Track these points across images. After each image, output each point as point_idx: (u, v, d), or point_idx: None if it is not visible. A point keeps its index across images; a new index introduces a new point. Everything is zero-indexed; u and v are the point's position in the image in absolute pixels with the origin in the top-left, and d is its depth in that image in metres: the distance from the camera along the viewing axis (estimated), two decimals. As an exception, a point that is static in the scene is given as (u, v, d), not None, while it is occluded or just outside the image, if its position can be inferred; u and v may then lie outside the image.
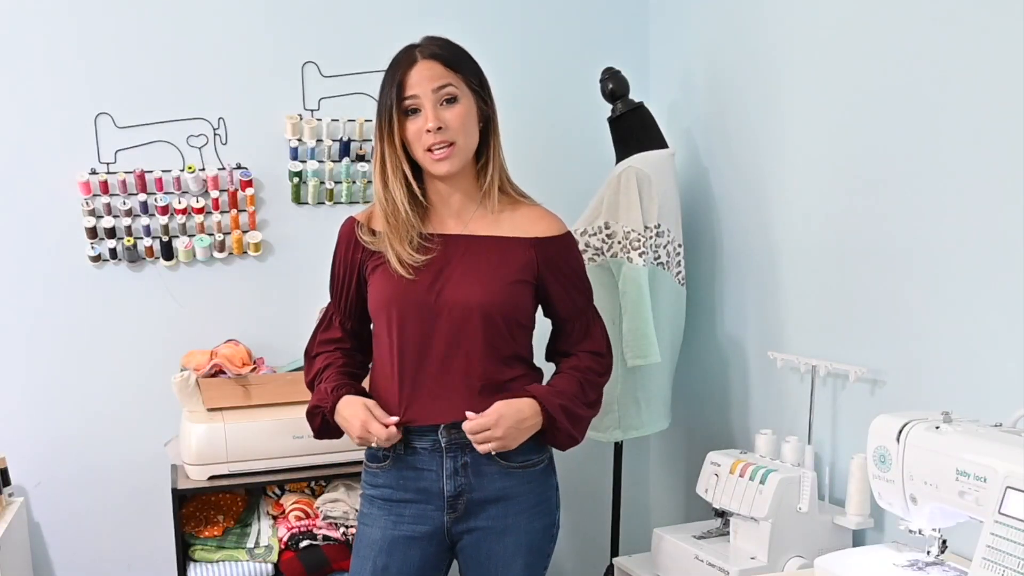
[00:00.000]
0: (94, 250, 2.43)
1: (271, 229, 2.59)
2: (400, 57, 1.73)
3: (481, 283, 1.72)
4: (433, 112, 1.68)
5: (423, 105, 1.68)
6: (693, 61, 2.64)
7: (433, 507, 1.76)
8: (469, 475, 1.75)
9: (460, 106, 1.70)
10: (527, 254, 1.75)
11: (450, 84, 1.69)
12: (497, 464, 1.75)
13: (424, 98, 1.68)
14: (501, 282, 1.73)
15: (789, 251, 2.28)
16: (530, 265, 1.76)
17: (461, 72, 1.72)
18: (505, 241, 1.75)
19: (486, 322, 1.72)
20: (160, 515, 2.51)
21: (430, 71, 1.69)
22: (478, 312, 1.71)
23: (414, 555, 1.77)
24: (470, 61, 1.75)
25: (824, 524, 1.98)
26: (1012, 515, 1.27)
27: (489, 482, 1.76)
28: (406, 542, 1.77)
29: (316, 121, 2.55)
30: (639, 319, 2.29)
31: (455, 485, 1.75)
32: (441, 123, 1.68)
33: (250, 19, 2.51)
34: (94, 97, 2.41)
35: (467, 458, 1.74)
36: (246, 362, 2.40)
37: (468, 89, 1.72)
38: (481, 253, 1.74)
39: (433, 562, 1.80)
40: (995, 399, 1.71)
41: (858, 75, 2.02)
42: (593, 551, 2.80)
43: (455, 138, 1.69)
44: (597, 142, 2.63)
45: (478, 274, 1.73)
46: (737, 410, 2.50)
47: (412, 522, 1.77)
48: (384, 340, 1.78)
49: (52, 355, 2.44)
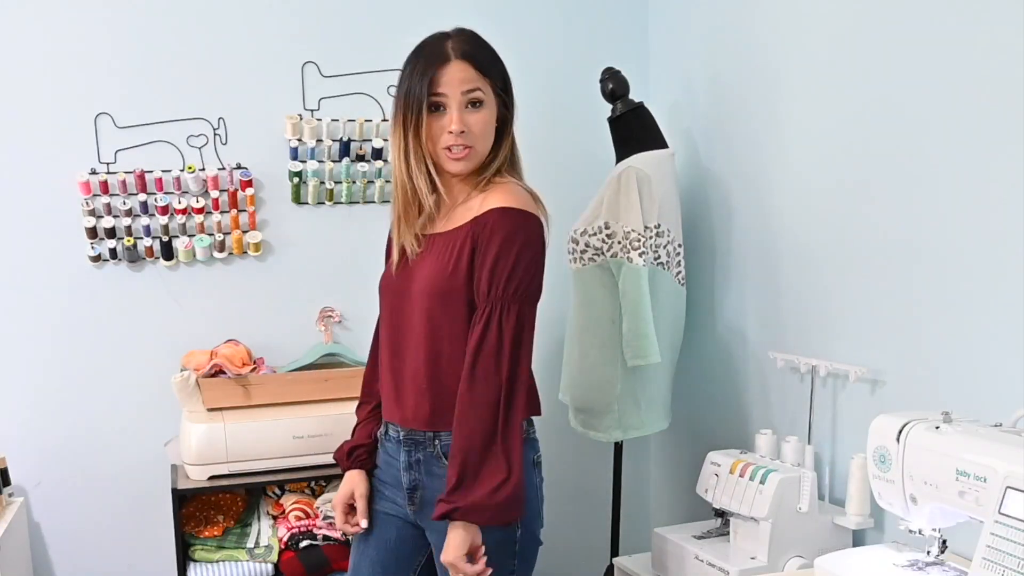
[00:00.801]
0: (94, 250, 2.43)
1: (271, 229, 2.59)
2: (433, 50, 1.70)
3: (431, 270, 1.71)
4: (459, 115, 1.68)
5: (449, 105, 1.68)
6: (693, 61, 2.64)
7: (401, 495, 1.79)
8: (421, 472, 1.76)
9: (484, 111, 1.70)
10: (468, 236, 1.70)
11: (478, 89, 1.69)
12: (444, 465, 1.71)
13: (451, 98, 1.68)
14: (445, 268, 1.70)
15: (789, 251, 2.28)
16: (468, 246, 1.69)
17: (490, 76, 1.72)
18: (455, 231, 1.73)
19: (437, 308, 1.70)
20: (160, 515, 2.51)
21: (462, 73, 1.68)
22: (428, 297, 1.71)
23: (390, 532, 1.82)
24: (499, 65, 1.75)
25: (824, 524, 1.99)
26: (1012, 515, 1.27)
27: (438, 482, 1.71)
28: (384, 518, 1.83)
29: (316, 121, 2.55)
30: (639, 319, 2.29)
31: (410, 479, 1.77)
32: (464, 127, 1.68)
33: (250, 19, 2.51)
34: (94, 97, 2.41)
35: (419, 455, 1.75)
36: (246, 362, 2.40)
37: (493, 93, 1.72)
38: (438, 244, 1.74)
39: (410, 544, 1.82)
40: (995, 399, 1.71)
41: (858, 75, 2.02)
42: (593, 551, 2.80)
43: (475, 143, 1.70)
44: (597, 142, 2.63)
45: (431, 263, 1.72)
46: (737, 410, 2.50)
47: (388, 501, 1.83)
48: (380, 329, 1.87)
49: (52, 355, 2.44)
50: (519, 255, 1.65)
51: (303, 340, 2.59)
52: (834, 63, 2.09)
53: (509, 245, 1.64)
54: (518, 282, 1.65)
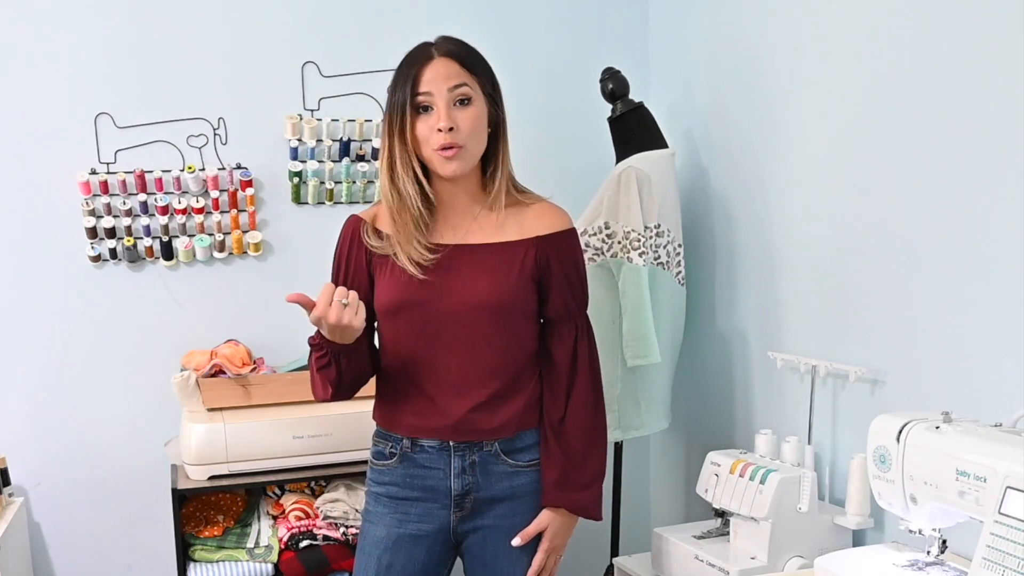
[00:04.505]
0: (94, 250, 2.43)
1: (271, 229, 2.59)
2: (415, 53, 1.69)
3: (489, 283, 1.71)
4: (446, 112, 1.64)
5: (436, 103, 1.65)
6: (693, 61, 2.64)
7: (439, 505, 1.76)
8: (477, 474, 1.75)
9: (473, 108, 1.67)
10: (529, 253, 1.73)
11: (465, 84, 1.66)
12: (505, 463, 1.76)
13: (438, 96, 1.65)
14: (507, 281, 1.72)
15: (789, 251, 2.28)
16: (531, 263, 1.74)
17: (476, 74, 1.69)
18: (509, 244, 1.74)
19: (498, 320, 1.71)
20: (160, 515, 2.51)
21: (446, 69, 1.66)
22: (490, 310, 1.70)
23: (419, 553, 1.77)
24: (485, 64, 1.73)
25: (824, 524, 1.99)
26: (1012, 515, 1.27)
27: (497, 481, 1.76)
28: (411, 540, 1.77)
29: (316, 121, 2.55)
30: (639, 319, 2.29)
31: (463, 484, 1.75)
32: (453, 124, 1.64)
33: (250, 19, 2.51)
34: (94, 97, 2.41)
35: (475, 456, 1.75)
36: (246, 362, 2.40)
37: (481, 92, 1.69)
38: (487, 256, 1.73)
39: (437, 561, 1.80)
40: (995, 399, 1.71)
41: (858, 75, 2.02)
42: (593, 551, 2.79)
43: (465, 141, 1.66)
44: (597, 142, 2.63)
45: (485, 275, 1.71)
46: (737, 410, 2.50)
47: (418, 520, 1.77)
48: (394, 342, 1.77)
49: (52, 355, 2.44)
50: (584, 274, 1.83)
51: (303, 340, 2.57)
52: (833, 63, 2.09)
53: (580, 266, 1.81)
54: (586, 298, 1.83)
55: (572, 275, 1.78)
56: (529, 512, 1.78)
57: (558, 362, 1.79)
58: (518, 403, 1.75)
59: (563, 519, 1.80)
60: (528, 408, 1.77)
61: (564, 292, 1.77)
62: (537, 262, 1.74)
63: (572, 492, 1.78)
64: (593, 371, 1.81)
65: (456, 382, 1.73)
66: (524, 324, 1.77)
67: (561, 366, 1.78)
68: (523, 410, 1.76)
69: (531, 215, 1.76)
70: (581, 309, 1.82)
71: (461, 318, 1.71)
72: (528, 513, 1.78)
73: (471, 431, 1.73)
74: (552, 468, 1.77)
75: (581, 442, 1.78)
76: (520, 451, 1.77)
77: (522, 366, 1.77)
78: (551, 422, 1.78)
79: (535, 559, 1.78)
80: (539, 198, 1.80)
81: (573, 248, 1.79)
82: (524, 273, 1.73)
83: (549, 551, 1.79)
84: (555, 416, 1.78)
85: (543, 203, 1.80)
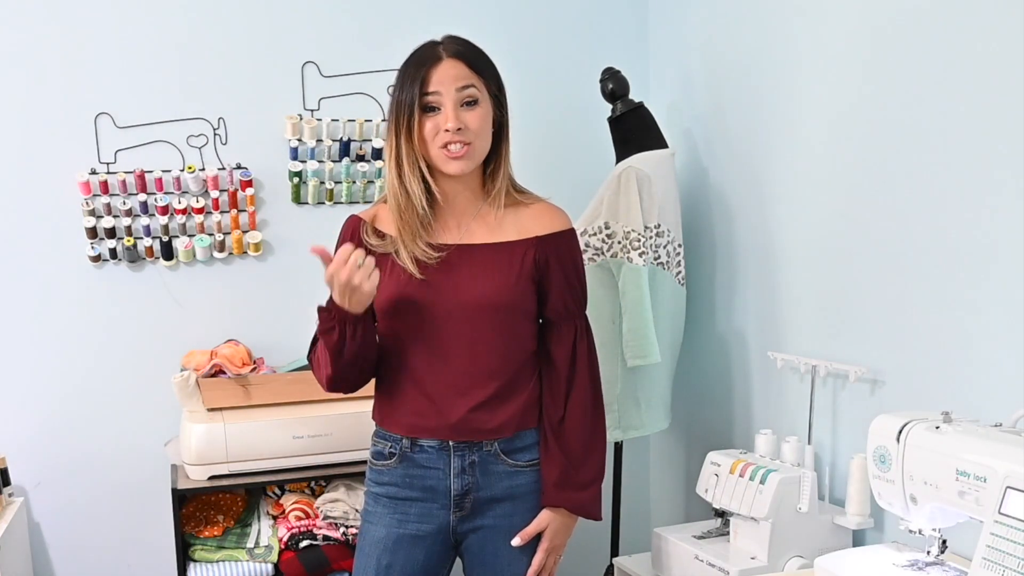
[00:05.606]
0: (94, 250, 2.43)
1: (271, 229, 2.59)
2: (423, 53, 1.70)
3: (490, 282, 1.72)
4: (454, 112, 1.66)
5: (444, 104, 1.66)
6: (693, 61, 2.64)
7: (439, 505, 1.76)
8: (477, 473, 1.75)
9: (480, 109, 1.69)
10: (528, 253, 1.75)
11: (472, 86, 1.68)
12: (504, 463, 1.76)
13: (446, 96, 1.66)
14: (506, 281, 1.73)
15: (789, 251, 2.28)
16: (530, 263, 1.75)
17: (483, 76, 1.71)
18: (508, 245, 1.75)
19: (497, 321, 1.72)
20: (160, 515, 2.51)
21: (455, 70, 1.67)
22: (489, 311, 1.71)
23: (418, 554, 1.78)
24: (492, 66, 1.74)
25: (824, 524, 1.99)
26: (1012, 515, 1.27)
27: (497, 480, 1.76)
28: (411, 540, 1.77)
29: (316, 121, 2.55)
30: (639, 319, 2.29)
31: (462, 483, 1.75)
32: (461, 124, 1.66)
33: (250, 19, 2.51)
34: (94, 97, 2.41)
35: (475, 456, 1.75)
36: (246, 362, 2.40)
37: (488, 94, 1.71)
38: (486, 256, 1.74)
39: (437, 561, 1.80)
40: (995, 399, 1.71)
41: (858, 75, 2.02)
42: (593, 551, 2.79)
43: (473, 140, 1.68)
44: (597, 142, 2.63)
45: (485, 275, 1.72)
46: (737, 410, 2.50)
47: (417, 520, 1.77)
48: (393, 342, 1.77)
49: (52, 355, 2.44)
50: (583, 274, 1.84)
51: (303, 340, 2.57)
52: (833, 63, 2.09)
53: (580, 266, 1.83)
54: (585, 298, 1.84)
55: (571, 275, 1.80)
56: (529, 512, 1.79)
57: (557, 362, 1.79)
58: (517, 403, 1.76)
59: (563, 519, 1.80)
60: (527, 408, 1.78)
61: (563, 292, 1.79)
62: (536, 262, 1.75)
63: (572, 492, 1.78)
64: (592, 371, 1.82)
65: (455, 382, 1.73)
66: (523, 324, 1.77)
67: (560, 366, 1.79)
68: (522, 410, 1.77)
69: (530, 215, 1.78)
70: (580, 309, 1.83)
71: (460, 318, 1.71)
72: (528, 513, 1.79)
73: (470, 431, 1.73)
74: (552, 468, 1.78)
75: (581, 442, 1.79)
76: (519, 451, 1.77)
77: (521, 366, 1.77)
78: (550, 422, 1.79)
79: (535, 559, 1.79)
80: (538, 198, 1.82)
81: (572, 248, 1.81)
82: (523, 273, 1.74)
83: (549, 551, 1.80)
84: (555, 416, 1.79)
85: (542, 203, 1.81)
